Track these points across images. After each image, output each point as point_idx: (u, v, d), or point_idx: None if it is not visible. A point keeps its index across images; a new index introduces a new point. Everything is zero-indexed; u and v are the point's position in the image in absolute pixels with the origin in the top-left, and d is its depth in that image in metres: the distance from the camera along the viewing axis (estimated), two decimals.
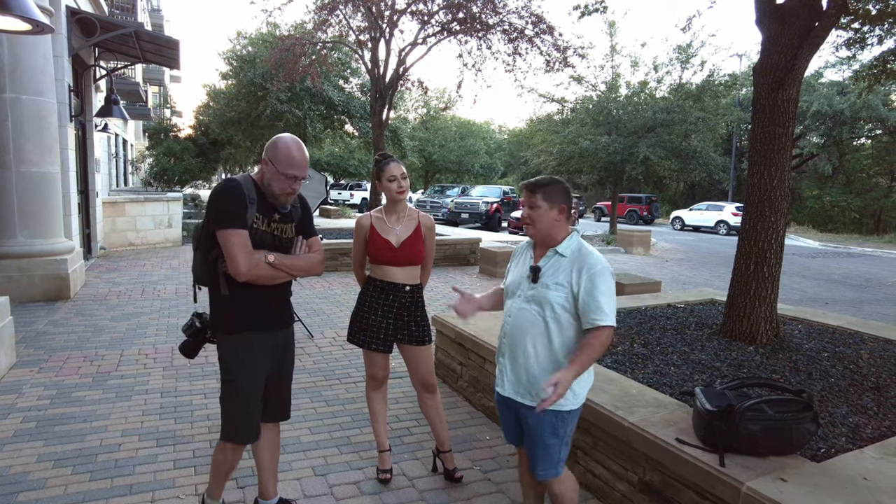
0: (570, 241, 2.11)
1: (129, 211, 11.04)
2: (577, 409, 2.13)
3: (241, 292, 2.21)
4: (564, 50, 12.22)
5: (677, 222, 27.03)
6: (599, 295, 1.99)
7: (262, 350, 2.29)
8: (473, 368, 3.95)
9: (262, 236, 2.23)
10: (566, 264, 2.07)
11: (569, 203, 2.11)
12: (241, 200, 2.16)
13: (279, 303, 2.36)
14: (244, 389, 2.25)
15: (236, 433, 2.29)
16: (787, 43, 3.98)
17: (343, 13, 12.53)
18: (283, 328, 2.39)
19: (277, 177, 2.19)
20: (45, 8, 6.04)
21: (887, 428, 2.71)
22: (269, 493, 2.50)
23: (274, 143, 2.22)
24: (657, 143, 16.50)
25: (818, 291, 10.09)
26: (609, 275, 2.03)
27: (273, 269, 2.21)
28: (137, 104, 17.85)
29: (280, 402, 2.45)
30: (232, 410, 2.28)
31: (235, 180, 2.22)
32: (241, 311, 2.24)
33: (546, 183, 2.11)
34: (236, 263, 2.11)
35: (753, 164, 4.16)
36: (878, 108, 24.17)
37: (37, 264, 6.49)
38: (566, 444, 2.14)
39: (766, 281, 4.10)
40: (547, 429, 2.09)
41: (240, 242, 2.12)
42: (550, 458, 2.11)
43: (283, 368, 2.41)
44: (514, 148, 38.02)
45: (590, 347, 1.99)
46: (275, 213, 2.28)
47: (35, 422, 3.47)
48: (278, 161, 2.18)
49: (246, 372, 2.25)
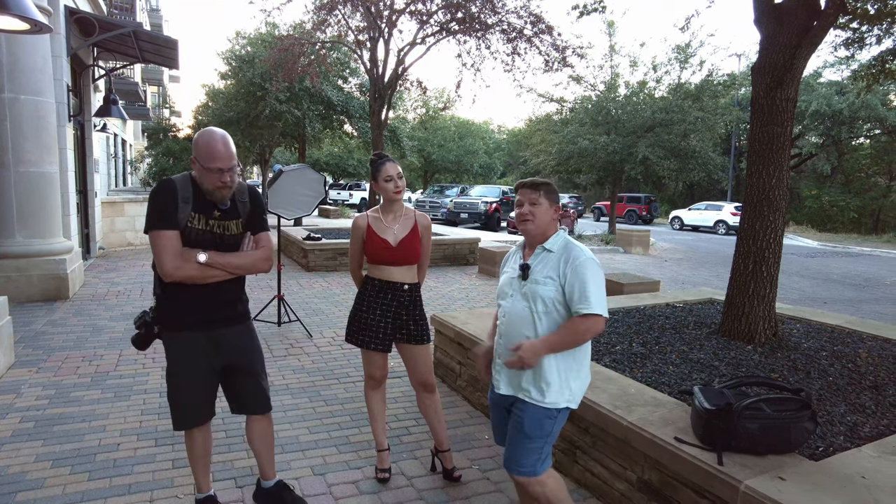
0: (556, 238, 2.17)
1: (128, 211, 11.03)
2: (570, 408, 2.12)
3: (172, 293, 2.25)
4: (563, 50, 12.21)
5: (676, 222, 27.05)
6: (585, 284, 2.02)
7: (196, 348, 2.31)
8: (472, 368, 3.95)
9: (198, 235, 2.22)
10: (553, 259, 2.12)
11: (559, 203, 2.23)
12: (171, 200, 2.16)
13: (219, 304, 2.33)
14: (177, 383, 2.35)
15: (175, 421, 2.39)
16: (785, 42, 3.98)
17: (342, 13, 12.52)
18: (222, 328, 2.35)
19: (203, 172, 2.17)
20: (44, 7, 6.04)
21: (885, 426, 2.71)
22: (268, 475, 2.62)
23: (196, 140, 2.19)
24: (656, 143, 16.51)
25: (817, 291, 10.10)
26: (595, 266, 2.06)
27: (204, 269, 2.19)
28: (136, 104, 17.83)
29: (249, 397, 2.48)
30: (169, 401, 2.39)
31: (170, 180, 2.21)
32: (173, 310, 2.29)
33: (547, 183, 2.19)
34: (162, 264, 2.15)
35: (752, 164, 4.16)
36: (876, 107, 24.19)
37: (35, 264, 6.48)
38: (549, 444, 2.11)
39: (764, 280, 4.10)
40: (534, 421, 2.07)
41: (165, 243, 2.13)
42: (529, 453, 2.07)
43: (239, 365, 2.42)
44: (513, 148, 38.04)
45: (567, 330, 2.03)
46: (214, 211, 2.26)
47: (33, 421, 3.47)
48: (201, 156, 2.15)
49: (180, 368, 2.32)
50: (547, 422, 2.08)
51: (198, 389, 2.37)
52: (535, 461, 2.08)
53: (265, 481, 2.64)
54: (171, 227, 2.15)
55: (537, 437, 2.08)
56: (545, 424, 2.08)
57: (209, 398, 2.43)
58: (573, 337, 2.04)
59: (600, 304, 2.01)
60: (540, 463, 2.09)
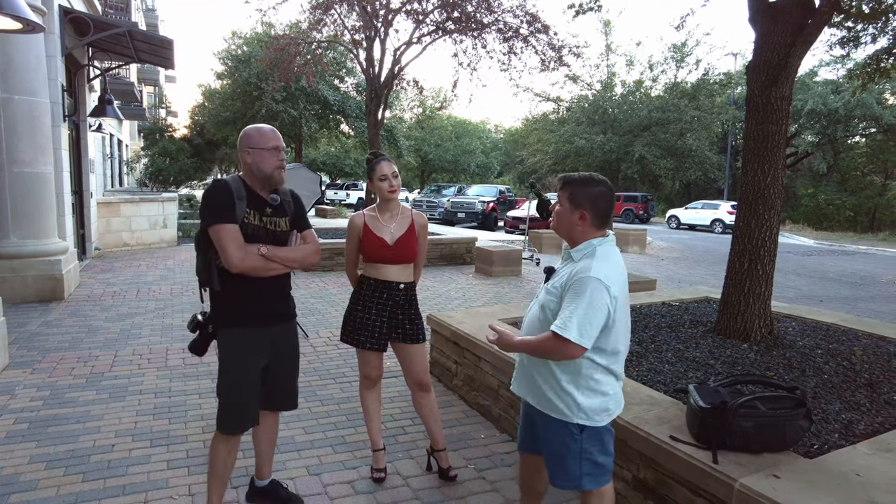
0: (585, 246, 1.95)
1: (124, 211, 10.99)
2: (593, 427, 1.96)
3: (234, 288, 2.30)
4: (559, 49, 12.23)
5: (673, 221, 27.07)
6: (573, 302, 1.82)
7: (255, 344, 2.34)
8: (468, 367, 3.95)
9: (254, 230, 2.30)
10: (570, 268, 1.94)
11: (598, 209, 1.93)
12: (229, 197, 2.25)
13: (275, 298, 2.41)
14: (235, 382, 2.33)
15: (224, 423, 2.36)
16: (780, 41, 3.99)
17: (338, 12, 12.52)
18: (279, 323, 2.43)
19: (262, 156, 2.29)
20: (37, 7, 6.02)
21: (880, 424, 2.72)
22: (264, 474, 2.64)
23: (244, 134, 2.34)
24: (652, 142, 16.55)
25: (813, 289, 10.12)
26: (598, 288, 1.82)
27: (266, 261, 2.27)
28: (132, 104, 17.78)
29: (282, 394, 2.52)
30: (223, 401, 2.36)
31: (223, 180, 2.33)
32: (234, 306, 2.32)
33: (576, 181, 1.97)
34: (228, 255, 2.19)
35: (747, 162, 4.17)
36: (872, 106, 24.24)
37: (30, 265, 6.45)
38: (587, 461, 1.97)
39: (759, 278, 4.11)
40: (555, 438, 2.00)
41: (230, 235, 2.20)
42: (565, 470, 1.99)
43: (283, 362, 2.47)
44: (510, 147, 38.06)
45: (540, 341, 1.88)
46: (266, 208, 2.35)
47: (27, 423, 3.45)
48: (255, 143, 2.29)
49: (238, 365, 2.32)
50: (569, 438, 1.96)
51: (254, 388, 2.37)
52: (576, 477, 1.98)
53: (259, 480, 2.64)
54: (233, 220, 2.22)
55: (564, 455, 1.98)
56: (567, 440, 1.96)
57: (258, 399, 2.42)
58: (541, 352, 1.91)
59: (580, 331, 1.79)
60: (587, 479, 1.98)
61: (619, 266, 1.94)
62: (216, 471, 2.41)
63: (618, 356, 1.99)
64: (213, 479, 2.42)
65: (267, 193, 2.36)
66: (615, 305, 1.87)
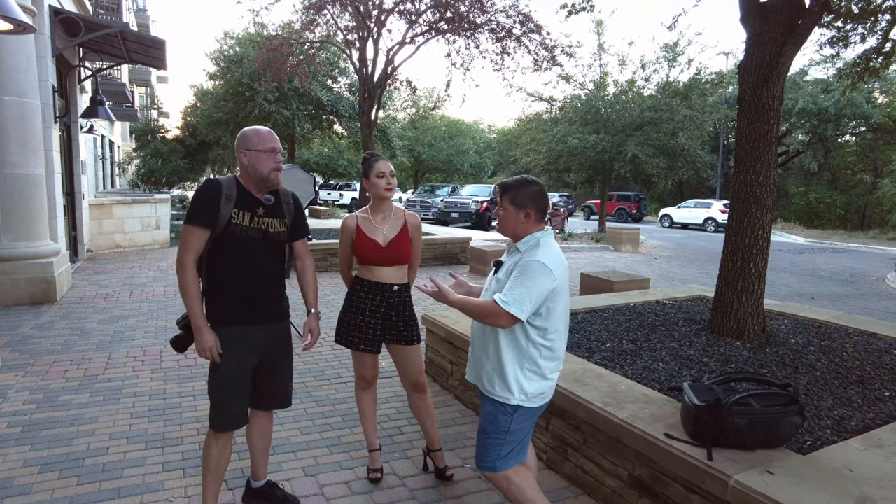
0: (529, 239, 2.12)
1: (117, 213, 10.92)
2: (526, 407, 2.10)
3: (220, 288, 2.32)
4: (552, 49, 12.25)
5: (666, 220, 27.21)
6: (517, 279, 2.00)
7: (243, 343, 2.35)
8: (464, 367, 3.95)
9: (243, 231, 2.30)
10: (517, 258, 2.10)
11: (538, 206, 2.11)
12: (215, 197, 2.25)
13: (265, 298, 2.41)
14: (225, 379, 2.34)
15: (215, 420, 2.37)
16: (770, 40, 4.02)
17: (330, 12, 12.49)
18: (270, 322, 2.44)
19: (259, 157, 2.29)
20: (28, 7, 5.98)
21: (871, 420, 2.75)
22: (259, 475, 2.64)
23: (241, 135, 2.36)
24: (645, 142, 16.58)
25: (804, 287, 10.20)
26: (540, 270, 2.00)
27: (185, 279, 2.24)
28: (124, 105, 17.66)
29: (272, 394, 2.53)
30: (213, 398, 2.37)
31: (215, 179, 2.33)
32: (221, 305, 2.34)
33: (514, 185, 2.14)
34: (179, 253, 2.26)
35: (739, 161, 4.20)
36: (861, 105, 24.49)
37: (22, 267, 6.41)
38: (510, 443, 2.10)
39: (752, 277, 4.14)
40: (487, 415, 2.14)
41: (191, 239, 2.24)
42: (486, 449, 2.13)
43: (273, 362, 2.48)
44: (503, 147, 38.11)
45: (481, 305, 2.03)
46: (258, 208, 2.35)
47: (21, 426, 3.43)
48: (253, 144, 2.30)
49: (227, 363, 2.32)
50: (501, 418, 2.10)
51: (242, 386, 2.38)
52: (495, 457, 2.12)
53: (255, 481, 2.64)
54: (205, 226, 2.23)
55: (493, 433, 2.12)
56: (499, 420, 2.11)
57: (247, 397, 2.43)
58: (479, 315, 2.04)
59: (517, 304, 1.96)
60: (501, 459, 2.12)
61: (560, 255, 2.11)
62: (210, 468, 2.41)
63: (558, 334, 2.12)
64: (208, 476, 2.42)
65: (263, 194, 2.36)
66: (557, 287, 2.04)
